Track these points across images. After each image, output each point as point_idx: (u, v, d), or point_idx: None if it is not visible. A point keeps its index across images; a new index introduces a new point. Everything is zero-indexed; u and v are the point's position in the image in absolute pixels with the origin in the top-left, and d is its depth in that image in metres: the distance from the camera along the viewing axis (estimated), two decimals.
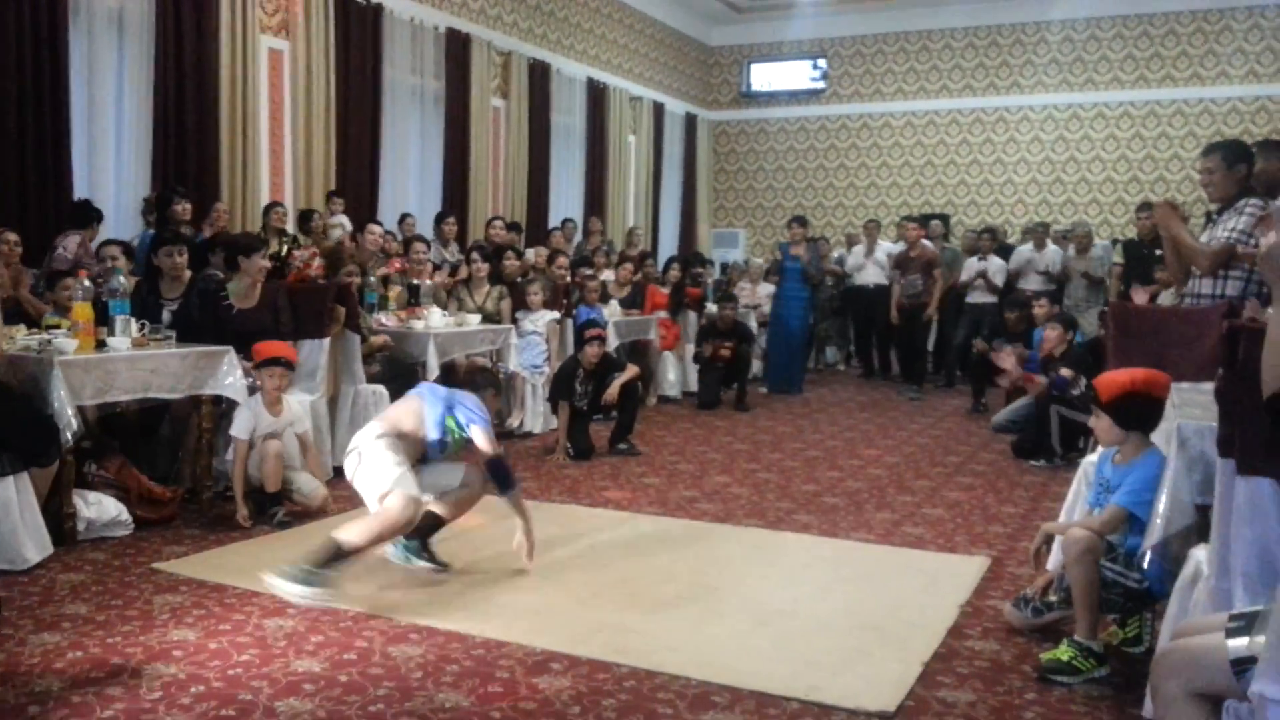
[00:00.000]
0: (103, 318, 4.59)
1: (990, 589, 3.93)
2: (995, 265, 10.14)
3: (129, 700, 2.77)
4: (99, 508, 4.26)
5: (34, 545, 3.87)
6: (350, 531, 3.62)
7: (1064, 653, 3.14)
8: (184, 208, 6.62)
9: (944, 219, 12.39)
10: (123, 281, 4.67)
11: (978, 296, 10.12)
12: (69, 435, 4.09)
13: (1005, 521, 5.00)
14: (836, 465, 6.32)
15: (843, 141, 14.65)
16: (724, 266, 12.50)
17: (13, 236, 5.57)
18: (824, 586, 3.97)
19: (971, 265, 10.22)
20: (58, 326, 4.61)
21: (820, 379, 10.95)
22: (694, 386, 9.10)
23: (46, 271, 5.71)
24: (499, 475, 3.91)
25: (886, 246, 10.94)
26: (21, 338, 4.42)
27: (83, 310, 4.46)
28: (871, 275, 10.73)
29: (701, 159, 15.09)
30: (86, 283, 4.63)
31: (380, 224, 7.91)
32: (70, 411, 4.08)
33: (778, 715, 2.81)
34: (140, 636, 3.23)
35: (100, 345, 4.44)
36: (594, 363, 6.49)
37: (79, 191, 6.65)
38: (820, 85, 14.59)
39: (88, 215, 6.23)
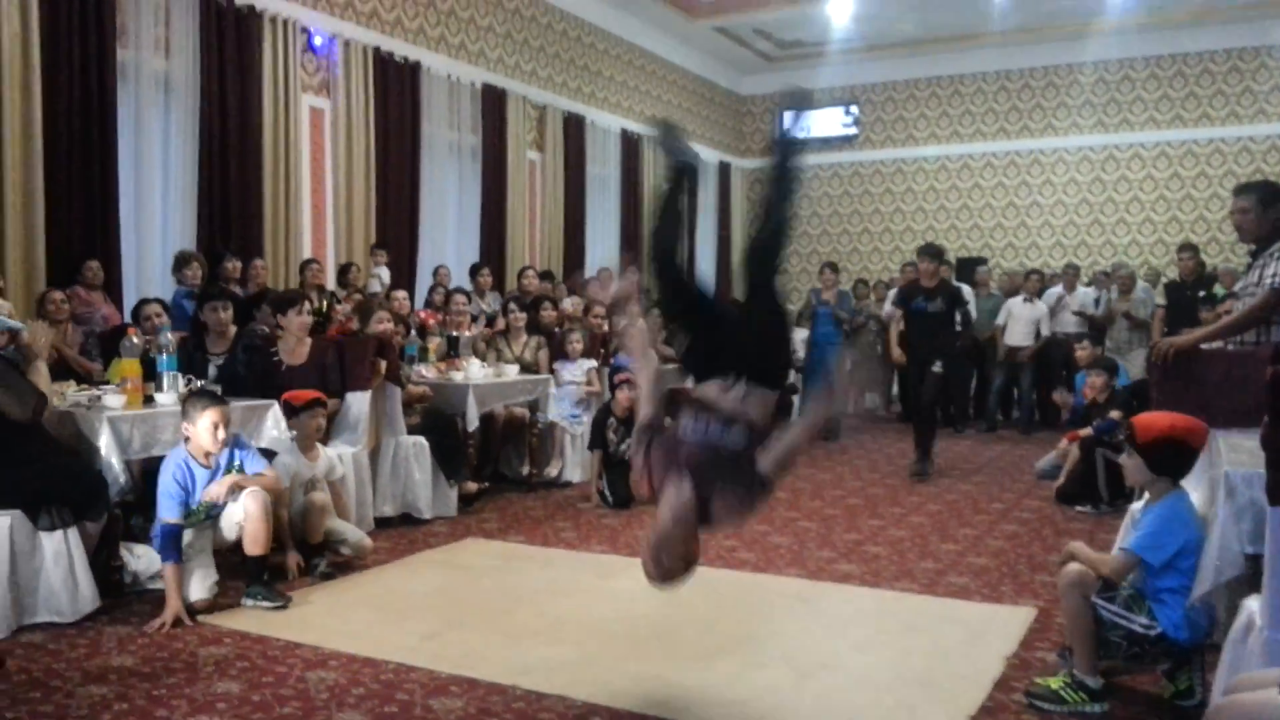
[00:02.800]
0: (150, 373, 4.69)
1: (1037, 640, 3.85)
2: (1041, 310, 10.08)
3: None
4: (146, 560, 4.32)
5: (83, 597, 3.93)
6: None
7: (1056, 681, 3.20)
8: (234, 265, 6.80)
9: (981, 262, 12.34)
10: (169, 338, 4.77)
11: (1017, 340, 10.04)
12: (117, 489, 4.17)
13: (1051, 570, 4.90)
14: (878, 513, 6.26)
15: (876, 187, 14.69)
16: None
17: (59, 295, 5.71)
18: (867, 638, 3.92)
19: (1014, 307, 10.15)
20: (108, 382, 4.72)
21: (860, 425, 10.87)
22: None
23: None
24: None
25: None
26: (71, 394, 4.52)
27: (130, 366, 4.56)
28: None
29: (736, 207, 15.18)
30: (134, 339, 4.74)
31: (404, 291, 7.92)
32: (118, 466, 4.16)
33: None
34: (185, 689, 3.26)
35: (148, 400, 4.53)
36: (626, 409, 6.51)
37: (126, 250, 6.82)
38: (853, 131, 14.66)
39: None
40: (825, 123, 14.80)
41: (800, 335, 10.31)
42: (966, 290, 9.25)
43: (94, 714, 3.05)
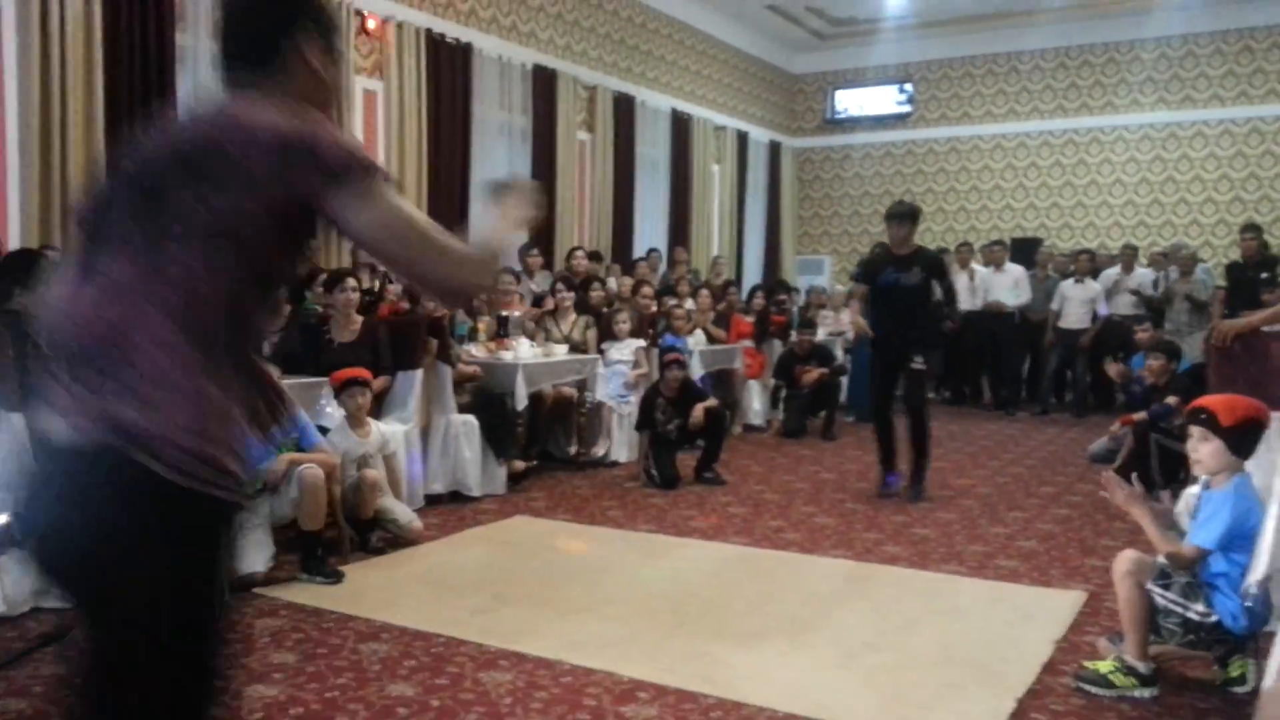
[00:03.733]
0: None
1: (1087, 624, 3.82)
2: (1095, 289, 9.91)
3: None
4: None
5: None
6: None
7: (1105, 665, 3.18)
8: None
9: (1037, 243, 12.13)
10: None
11: (1072, 322, 9.88)
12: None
13: (1102, 555, 4.85)
14: (926, 495, 6.21)
15: (930, 166, 14.49)
16: (808, 291, 12.44)
17: None
18: (914, 620, 3.91)
19: (1066, 289, 9.98)
20: None
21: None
22: (779, 415, 9.05)
23: None
24: None
25: (980, 272, 10.75)
26: None
27: None
28: (963, 300, 10.54)
29: (786, 186, 15.07)
30: None
31: None
32: None
33: None
34: (242, 659, 3.35)
35: None
36: (675, 389, 6.54)
37: None
38: (906, 109, 14.46)
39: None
40: (879, 100, 14.63)
41: (843, 319, 10.26)
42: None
43: None
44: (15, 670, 3.19)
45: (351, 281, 5.66)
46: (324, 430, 4.81)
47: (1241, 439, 3.11)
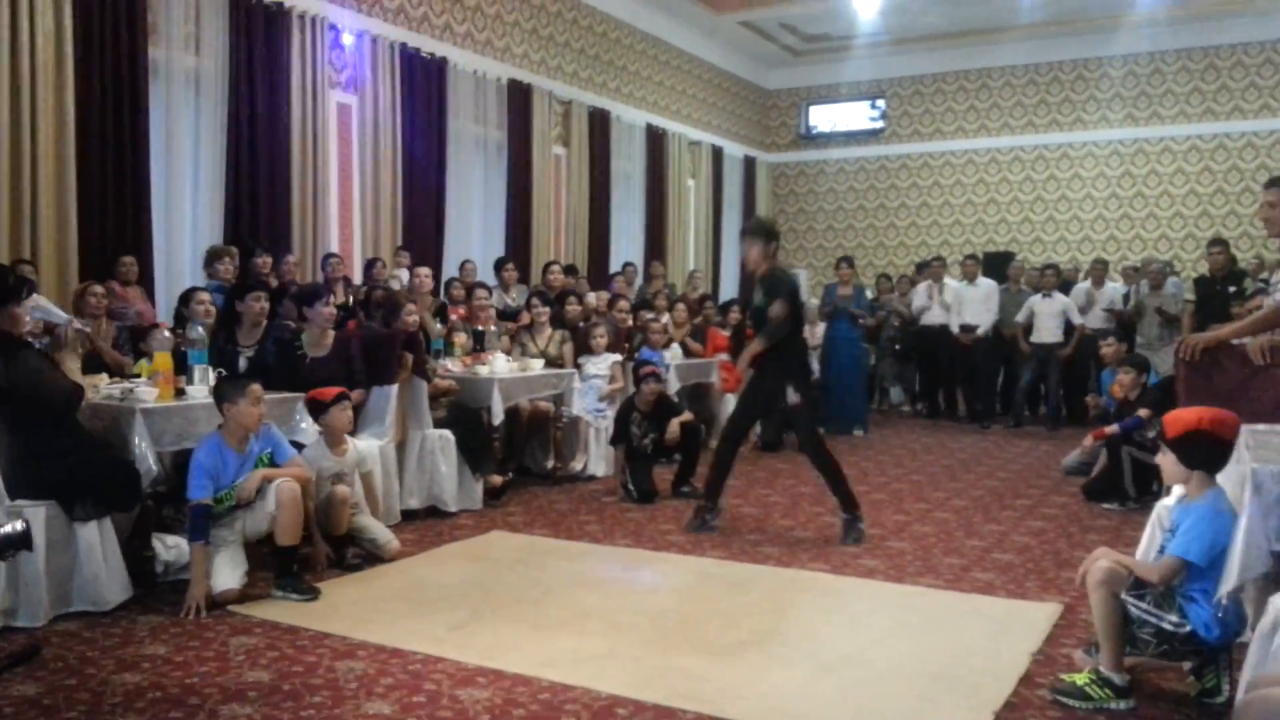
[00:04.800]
0: (181, 367, 4.76)
1: (1063, 636, 3.84)
2: (1063, 303, 10.01)
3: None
4: (177, 551, 4.38)
5: (116, 587, 4.00)
6: None
7: (1081, 677, 3.20)
8: (265, 261, 6.89)
9: (1009, 257, 12.26)
10: (201, 332, 4.84)
11: (1044, 336, 9.98)
12: (149, 480, 4.24)
13: (1077, 566, 4.87)
14: (903, 509, 6.24)
15: (903, 181, 14.62)
16: None
17: (99, 289, 5.81)
18: (890, 633, 3.92)
19: (1035, 304, 10.09)
20: (138, 375, 4.79)
21: (885, 420, 10.85)
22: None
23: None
24: None
25: (952, 285, 10.84)
26: (104, 387, 4.59)
27: (162, 360, 4.63)
28: (937, 315, 10.63)
29: (761, 201, 15.16)
30: (165, 334, 4.80)
31: (427, 268, 7.99)
32: (151, 458, 4.23)
33: None
34: (217, 678, 3.31)
35: (180, 393, 4.60)
36: (650, 402, 6.54)
37: (158, 244, 6.91)
38: (879, 125, 14.61)
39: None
40: (852, 116, 14.76)
41: (818, 332, 10.32)
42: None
43: (128, 701, 3.10)
44: None
45: (329, 297, 5.63)
46: (298, 446, 4.77)
47: (1192, 451, 3.13)
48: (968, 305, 10.38)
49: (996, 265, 11.63)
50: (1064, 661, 3.54)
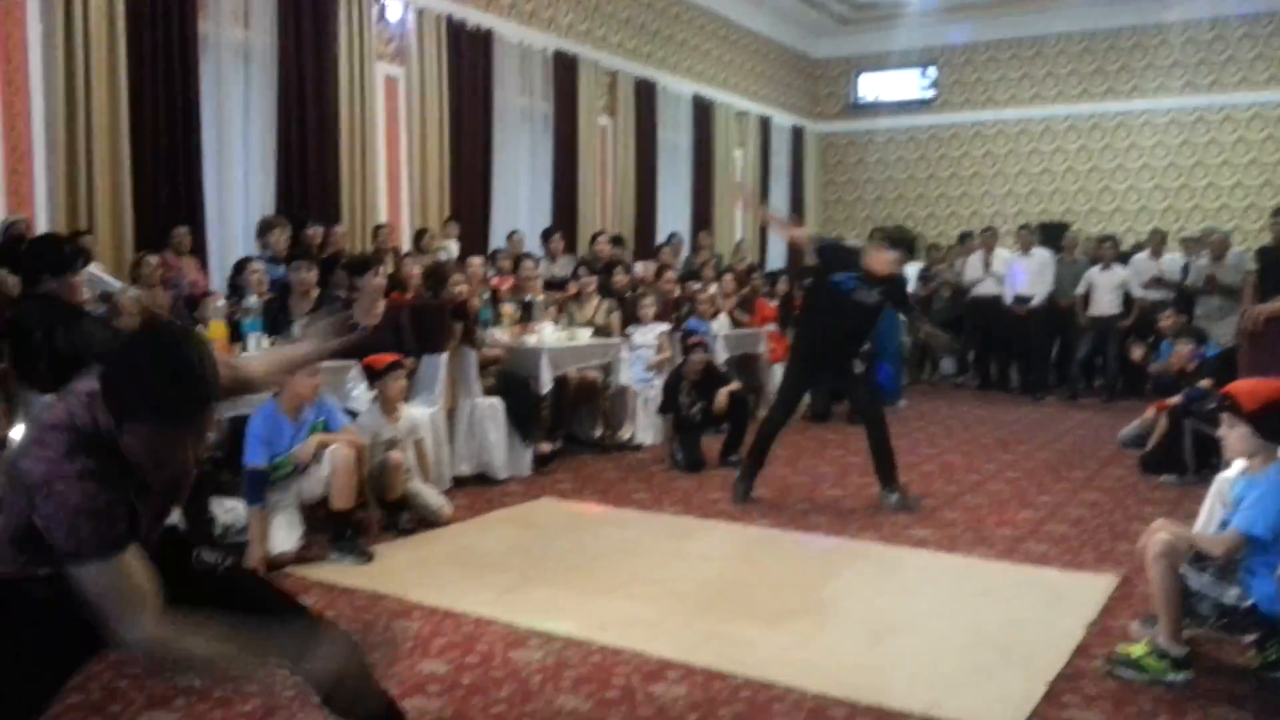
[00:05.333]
0: (235, 335, 4.83)
1: (1119, 608, 3.78)
2: (1121, 275, 9.80)
3: (266, 696, 2.90)
4: (235, 514, 4.46)
5: None
6: None
7: (1138, 649, 3.14)
8: (316, 231, 6.98)
9: (1064, 228, 12.01)
10: (254, 301, 4.91)
11: (1102, 308, 9.79)
12: (207, 445, 4.32)
13: (1134, 539, 4.73)
14: (954, 480, 6.18)
15: (955, 150, 14.37)
16: None
17: (154, 259, 5.90)
18: (942, 603, 3.88)
19: (1093, 276, 9.89)
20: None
21: (936, 392, 10.73)
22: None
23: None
24: None
25: (1004, 255, 10.66)
26: None
27: (217, 329, 4.70)
28: (989, 286, 10.47)
29: (809, 171, 14.99)
30: (220, 303, 4.87)
31: (483, 257, 8.02)
32: None
33: None
34: None
35: None
36: (698, 372, 6.53)
37: (210, 215, 7.00)
38: (930, 94, 14.34)
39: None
40: (903, 85, 14.51)
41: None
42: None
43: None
44: None
45: (379, 267, 5.68)
46: (352, 414, 4.83)
47: (1269, 424, 3.07)
48: (1022, 276, 10.20)
49: (1052, 236, 11.39)
50: (1120, 633, 3.49)
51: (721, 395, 6.54)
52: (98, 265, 5.75)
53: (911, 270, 10.25)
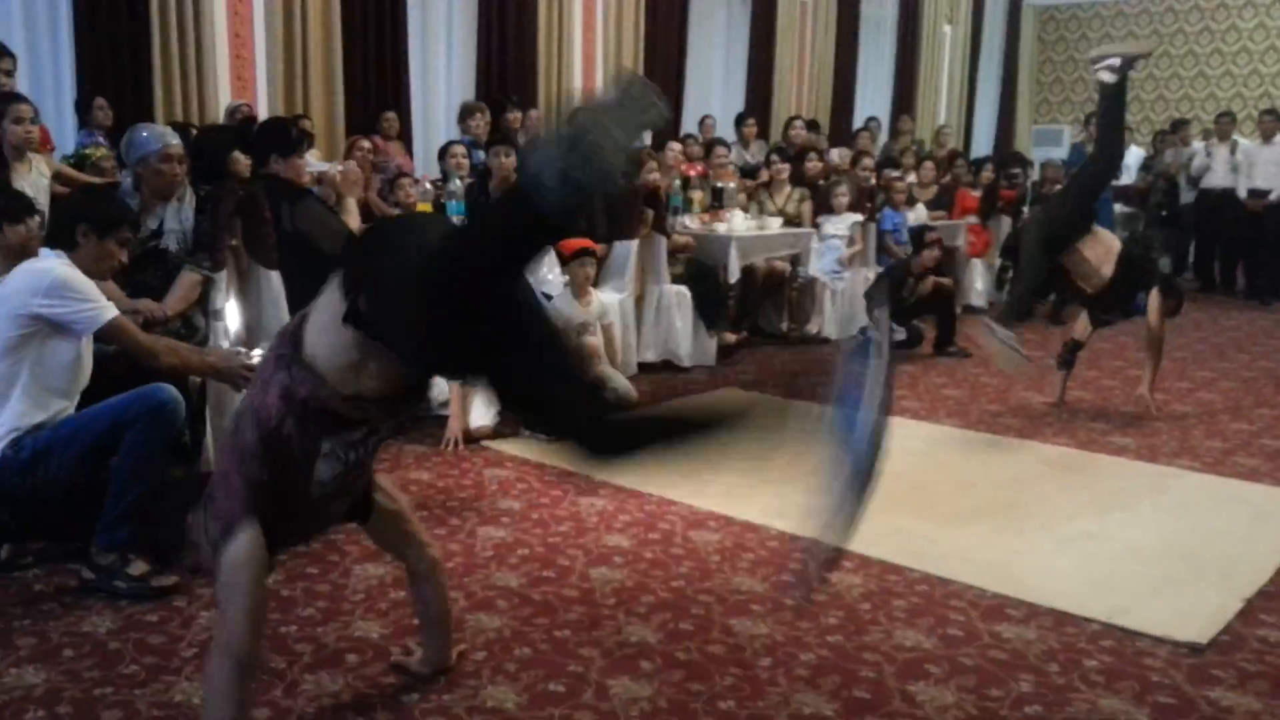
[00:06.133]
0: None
1: None
2: None
3: (466, 556, 3.17)
4: (437, 388, 4.75)
5: None
6: None
7: None
8: (515, 116, 7.13)
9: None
10: (459, 183, 5.11)
11: None
12: None
13: None
14: (1162, 386, 5.80)
15: (1192, 24, 13.03)
16: (1042, 167, 11.64)
17: (366, 144, 6.21)
18: (1137, 512, 3.74)
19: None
20: None
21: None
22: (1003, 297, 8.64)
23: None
24: None
25: (1243, 145, 9.71)
26: None
27: (424, 210, 4.94)
28: (1219, 178, 9.59)
29: (1025, 49, 13.98)
30: (427, 185, 5.10)
31: (680, 142, 7.98)
32: None
33: (1076, 635, 2.73)
34: (474, 503, 3.65)
35: None
36: (926, 269, 6.56)
37: (415, 101, 7.29)
38: None
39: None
40: None
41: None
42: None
43: None
44: None
45: None
46: (547, 296, 5.01)
47: None
48: (1260, 168, 9.29)
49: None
50: None
51: (927, 282, 6.48)
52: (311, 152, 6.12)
53: (1133, 158, 9.55)
